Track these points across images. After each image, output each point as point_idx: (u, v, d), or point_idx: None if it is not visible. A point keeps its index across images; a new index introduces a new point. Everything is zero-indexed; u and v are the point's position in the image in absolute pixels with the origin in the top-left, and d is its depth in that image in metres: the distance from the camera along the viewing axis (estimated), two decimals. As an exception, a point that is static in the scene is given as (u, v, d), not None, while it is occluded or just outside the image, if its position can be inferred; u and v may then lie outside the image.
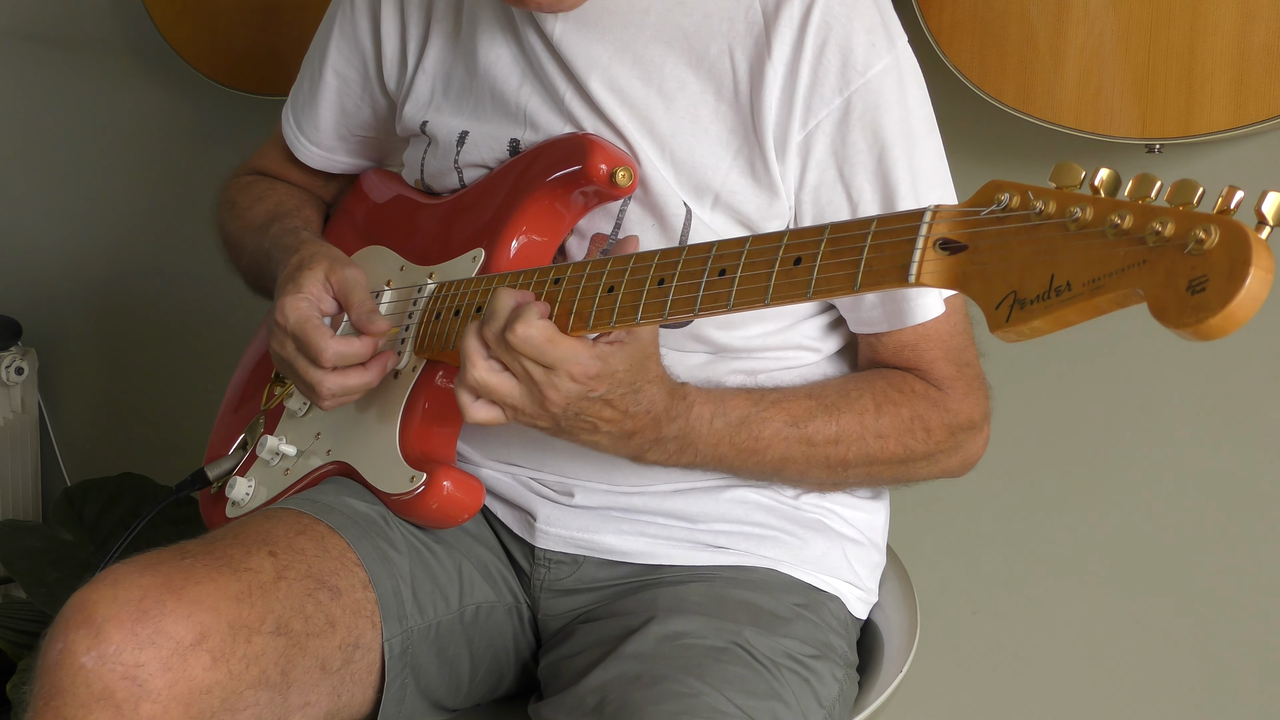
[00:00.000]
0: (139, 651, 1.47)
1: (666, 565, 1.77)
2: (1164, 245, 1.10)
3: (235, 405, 2.06)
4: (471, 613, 1.77)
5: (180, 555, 1.57)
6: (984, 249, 1.21)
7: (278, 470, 1.88)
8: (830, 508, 1.80)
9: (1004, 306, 1.18)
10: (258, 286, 2.02)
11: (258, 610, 1.55)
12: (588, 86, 1.72)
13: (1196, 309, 1.07)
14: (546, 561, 1.80)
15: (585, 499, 1.78)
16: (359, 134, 2.04)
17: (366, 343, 1.72)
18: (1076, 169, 1.18)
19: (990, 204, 1.22)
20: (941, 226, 1.25)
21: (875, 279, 1.30)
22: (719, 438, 1.62)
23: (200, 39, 2.89)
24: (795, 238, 1.38)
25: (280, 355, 1.76)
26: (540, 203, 1.72)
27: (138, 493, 2.92)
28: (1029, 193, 1.19)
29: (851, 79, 1.64)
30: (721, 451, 1.63)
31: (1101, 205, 1.14)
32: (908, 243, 1.27)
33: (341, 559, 1.67)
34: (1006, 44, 2.15)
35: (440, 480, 1.69)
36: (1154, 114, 2.06)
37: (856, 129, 1.65)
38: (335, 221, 2.07)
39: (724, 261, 1.42)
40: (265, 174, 2.13)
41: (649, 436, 1.57)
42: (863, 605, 1.84)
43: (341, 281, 1.76)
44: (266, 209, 2.02)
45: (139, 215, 3.27)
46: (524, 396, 1.50)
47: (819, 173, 1.67)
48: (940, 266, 1.25)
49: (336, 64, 1.98)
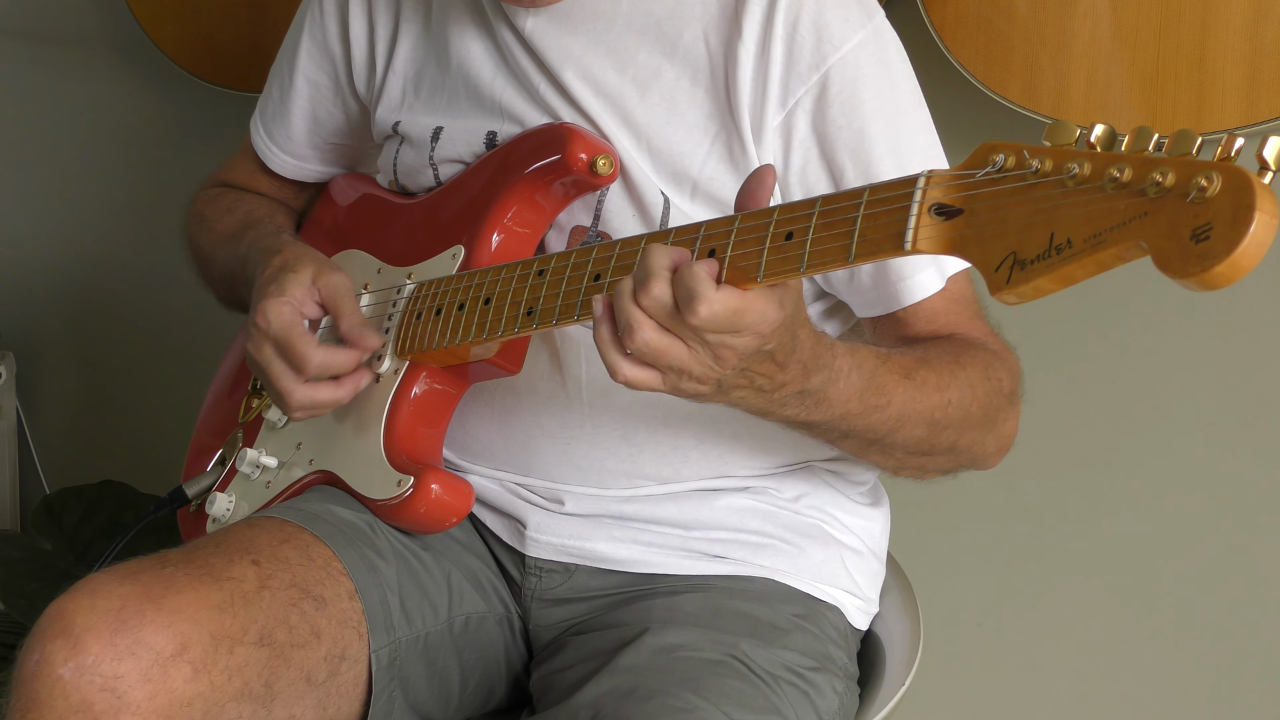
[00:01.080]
0: (118, 663, 1.47)
1: (661, 574, 1.77)
2: (1165, 195, 1.10)
3: (211, 420, 2.06)
4: (461, 623, 1.77)
5: (161, 564, 1.57)
6: (980, 212, 1.22)
7: (258, 483, 1.88)
8: (830, 513, 1.81)
9: (1004, 269, 1.18)
10: (230, 299, 2.01)
11: (240, 620, 1.55)
12: (561, 78, 1.73)
13: (1201, 258, 1.07)
14: (538, 570, 1.80)
15: (575, 506, 1.78)
16: (332, 141, 2.04)
17: (352, 354, 1.72)
18: (1072, 126, 1.19)
19: (984, 165, 1.22)
20: (935, 191, 1.26)
21: (870, 249, 1.30)
22: (851, 393, 1.52)
23: (183, 34, 2.90)
24: (786, 212, 1.38)
25: (255, 359, 1.75)
26: (520, 194, 1.73)
27: (118, 501, 2.92)
28: (1024, 152, 1.20)
29: (827, 54, 1.64)
30: (849, 409, 1.53)
31: (1099, 160, 1.15)
32: (901, 209, 1.28)
33: (327, 568, 1.66)
34: (1012, 39, 2.15)
35: (428, 483, 1.70)
36: (1163, 111, 2.07)
37: (835, 105, 1.65)
38: (305, 231, 2.07)
39: (713, 241, 1.42)
40: (234, 185, 2.13)
41: (794, 389, 1.47)
42: (863, 616, 1.84)
43: (329, 288, 1.76)
44: (237, 219, 2.02)
45: (120, 215, 3.27)
46: (694, 359, 1.39)
47: (802, 152, 1.67)
48: (936, 232, 1.25)
49: (307, 70, 1.99)
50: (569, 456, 1.76)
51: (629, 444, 1.75)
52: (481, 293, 1.66)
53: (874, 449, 1.61)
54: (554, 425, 1.77)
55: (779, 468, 1.79)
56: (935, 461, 1.66)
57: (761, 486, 1.79)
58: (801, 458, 1.80)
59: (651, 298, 1.37)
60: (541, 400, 1.77)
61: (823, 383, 1.48)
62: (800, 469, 1.80)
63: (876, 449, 1.61)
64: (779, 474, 1.80)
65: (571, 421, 1.76)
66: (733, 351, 1.38)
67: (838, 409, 1.51)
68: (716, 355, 1.38)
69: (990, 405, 1.63)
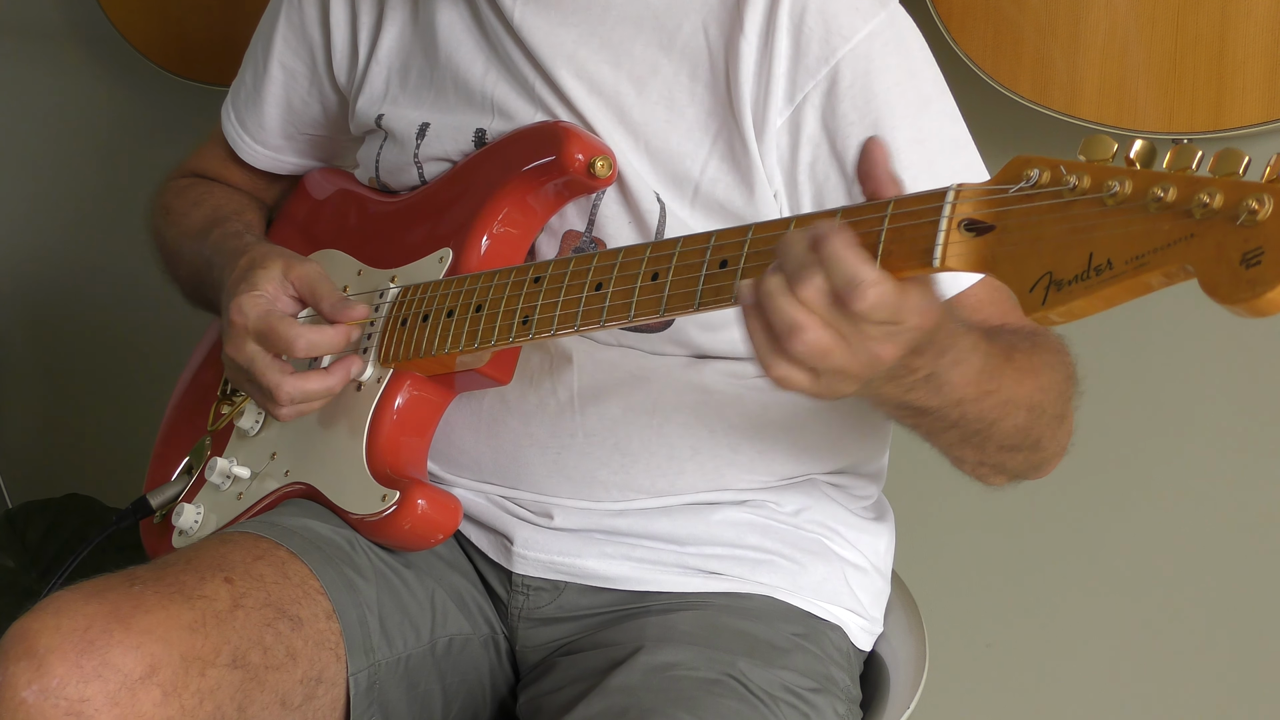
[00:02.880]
0: (84, 685, 1.47)
1: (654, 592, 1.77)
2: (1213, 217, 1.10)
3: (176, 425, 2.05)
4: (444, 645, 1.77)
5: (129, 582, 1.56)
6: (1013, 229, 1.22)
7: (229, 495, 1.87)
8: (832, 528, 1.81)
9: (1039, 289, 1.18)
10: (197, 298, 2.01)
11: (212, 641, 1.55)
12: (554, 75, 1.73)
13: (1252, 283, 1.07)
14: (525, 588, 1.80)
15: (565, 520, 1.78)
16: (307, 132, 2.04)
17: (340, 330, 1.72)
18: (1109, 141, 1.19)
19: (1018, 180, 1.22)
20: (966, 206, 1.26)
21: (895, 264, 1.29)
22: (970, 375, 1.45)
23: (153, 26, 2.90)
24: (803, 223, 1.37)
25: (236, 361, 1.75)
26: (512, 196, 1.73)
27: (84, 515, 2.92)
28: (1060, 167, 1.20)
29: (837, 46, 1.64)
30: (965, 393, 1.46)
31: (1141, 178, 1.15)
32: (930, 225, 1.27)
33: (303, 586, 1.66)
34: (1022, 31, 2.15)
35: (414, 498, 1.69)
36: (1181, 106, 2.07)
37: (847, 99, 1.64)
38: (278, 226, 2.07)
39: (725, 252, 1.42)
40: (203, 176, 2.13)
41: (924, 373, 1.40)
42: (866, 635, 1.84)
43: (303, 277, 1.76)
44: (204, 214, 2.02)
45: (86, 216, 3.27)
46: (853, 358, 1.31)
47: (812, 149, 1.67)
48: (966, 249, 1.25)
49: (283, 56, 1.98)
50: (559, 467, 1.76)
51: (622, 454, 1.75)
52: (473, 299, 1.66)
53: (973, 440, 1.54)
54: (544, 434, 1.76)
55: (779, 480, 1.79)
56: (1016, 459, 1.61)
57: (760, 500, 1.79)
58: (803, 470, 1.80)
59: (814, 288, 1.28)
60: (531, 408, 1.76)
61: (950, 363, 1.41)
62: (801, 482, 1.80)
63: (975, 441, 1.55)
64: (779, 487, 1.79)
65: (562, 430, 1.76)
66: (894, 346, 1.31)
67: (956, 393, 1.45)
68: (875, 353, 1.31)
69: (1068, 392, 1.61)
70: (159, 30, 2.88)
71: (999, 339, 1.52)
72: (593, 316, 1.51)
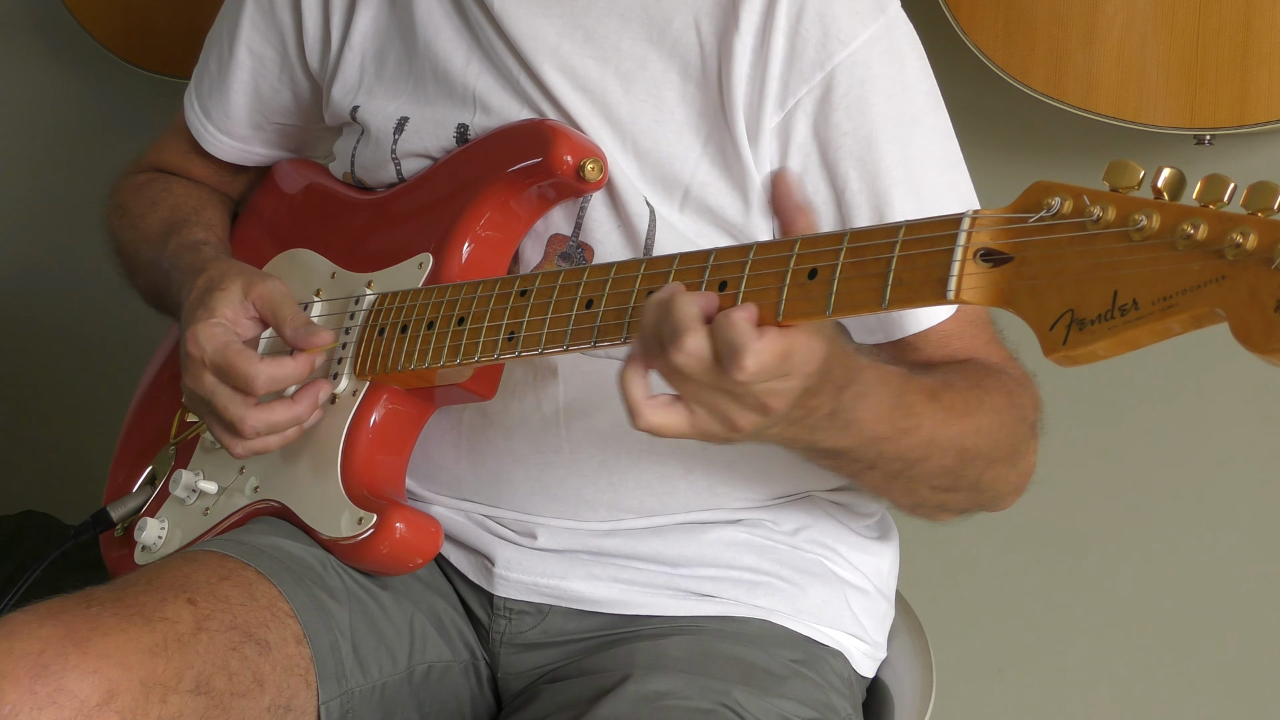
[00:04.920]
0: (38, 712, 1.46)
1: (644, 616, 1.77)
2: (1246, 259, 1.09)
3: (138, 433, 2.04)
4: (422, 673, 1.76)
5: (86, 603, 1.56)
6: (1032, 261, 1.21)
7: (195, 509, 1.87)
8: (833, 548, 1.81)
9: (1059, 327, 1.18)
10: (159, 305, 2.00)
11: (174, 666, 1.54)
12: (537, 70, 1.73)
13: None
14: (507, 612, 1.80)
15: (549, 540, 1.78)
16: (277, 121, 2.03)
17: (302, 361, 1.71)
18: (1135, 168, 1.18)
19: (1038, 209, 1.22)
20: (982, 235, 1.25)
21: (907, 295, 1.29)
22: (882, 411, 1.49)
23: (112, 15, 2.90)
24: (808, 245, 1.37)
25: (196, 393, 1.74)
26: (496, 199, 1.73)
27: (40, 533, 2.92)
28: (1084, 196, 1.19)
29: (834, 51, 1.64)
30: (879, 431, 1.49)
31: (1169, 212, 1.14)
32: (944, 253, 1.27)
33: (272, 609, 1.66)
34: (1035, 21, 2.16)
35: (392, 521, 1.68)
36: (1204, 100, 2.07)
37: (840, 108, 1.65)
38: (245, 222, 2.05)
39: (724, 273, 1.41)
40: (164, 170, 2.12)
41: (825, 411, 1.43)
42: (869, 661, 1.84)
43: (264, 297, 1.75)
44: (161, 216, 2.01)
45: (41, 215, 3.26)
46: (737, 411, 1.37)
47: (801, 158, 1.67)
48: (983, 281, 1.24)
49: (250, 41, 1.97)
50: (543, 485, 1.76)
51: (610, 471, 1.75)
52: (455, 311, 1.65)
53: (899, 481, 1.59)
54: (527, 450, 1.76)
55: (776, 498, 1.79)
56: (955, 499, 1.65)
57: (757, 518, 1.79)
58: (802, 487, 1.80)
59: (687, 354, 1.34)
60: (514, 422, 1.76)
61: (854, 398, 1.45)
62: (800, 499, 1.80)
63: (902, 481, 1.59)
64: (776, 505, 1.79)
65: (547, 446, 1.75)
66: (780, 398, 1.36)
67: (869, 430, 1.48)
68: (763, 405, 1.36)
69: (1016, 436, 1.63)
70: (120, 20, 2.88)
71: (926, 376, 1.55)
72: (583, 336, 1.50)
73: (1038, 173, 1.60)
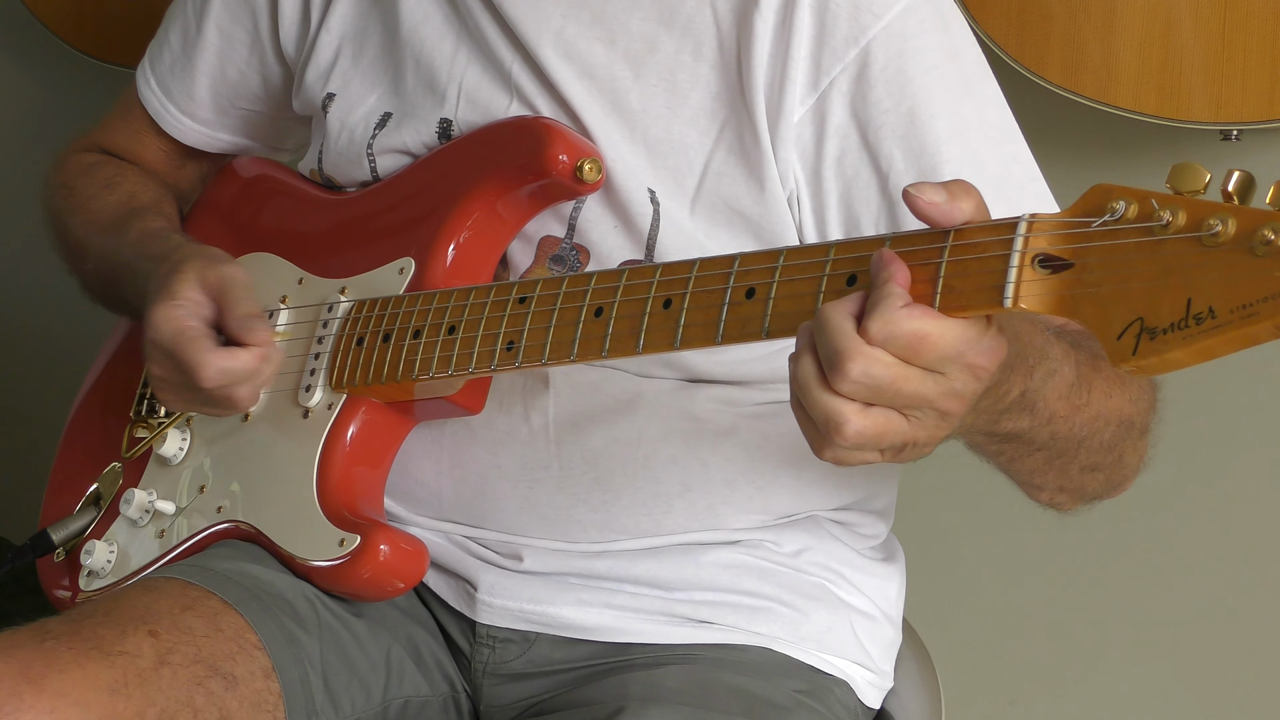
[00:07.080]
0: (-11, 756, 1.48)
1: (638, 644, 1.77)
2: None
3: (80, 446, 2.04)
4: (398, 709, 1.76)
5: (40, 637, 1.56)
6: (1095, 267, 1.21)
7: (148, 532, 1.86)
8: (837, 571, 1.81)
9: (1128, 337, 1.18)
10: (105, 298, 2.01)
11: (135, 703, 1.55)
12: (540, 56, 1.72)
13: None
14: (490, 640, 1.79)
15: (536, 562, 1.77)
16: (242, 107, 2.03)
17: (254, 354, 1.72)
18: (1201, 171, 1.18)
19: (1100, 213, 1.21)
20: (1040, 240, 1.25)
21: (958, 302, 1.28)
22: (1063, 388, 1.46)
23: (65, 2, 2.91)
24: (845, 250, 1.36)
25: (161, 378, 1.76)
26: (483, 200, 1.72)
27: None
28: (1151, 200, 1.19)
29: (868, 24, 1.63)
30: (1056, 409, 1.47)
31: (1245, 216, 1.14)
32: (999, 259, 1.26)
33: (238, 641, 1.66)
34: (1050, 9, 2.17)
35: (375, 544, 1.68)
36: (1231, 93, 2.09)
37: (879, 84, 1.64)
38: (198, 219, 2.04)
39: (751, 279, 1.41)
40: (110, 151, 2.12)
41: (1016, 392, 1.40)
42: (875, 691, 1.84)
43: (219, 280, 1.75)
44: (118, 201, 2.01)
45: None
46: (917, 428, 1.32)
47: (839, 141, 1.66)
48: (1043, 288, 1.24)
49: (220, 19, 1.98)
50: (530, 504, 1.75)
51: (602, 490, 1.74)
52: (444, 319, 1.65)
53: (1057, 463, 1.55)
54: (513, 466, 1.75)
55: (778, 519, 1.79)
56: (1095, 480, 1.62)
57: (757, 540, 1.78)
58: (804, 507, 1.79)
59: (851, 382, 1.28)
60: (500, 435, 1.75)
61: (1045, 375, 1.43)
62: (803, 519, 1.80)
63: (1060, 463, 1.55)
64: (778, 525, 1.79)
65: (535, 462, 1.75)
66: (959, 401, 1.31)
67: (1049, 408, 1.45)
68: (942, 413, 1.31)
69: (1155, 405, 1.62)
70: (73, 8, 2.89)
71: (1086, 345, 1.52)
72: (592, 346, 1.50)
73: (1051, 168, 1.59)
